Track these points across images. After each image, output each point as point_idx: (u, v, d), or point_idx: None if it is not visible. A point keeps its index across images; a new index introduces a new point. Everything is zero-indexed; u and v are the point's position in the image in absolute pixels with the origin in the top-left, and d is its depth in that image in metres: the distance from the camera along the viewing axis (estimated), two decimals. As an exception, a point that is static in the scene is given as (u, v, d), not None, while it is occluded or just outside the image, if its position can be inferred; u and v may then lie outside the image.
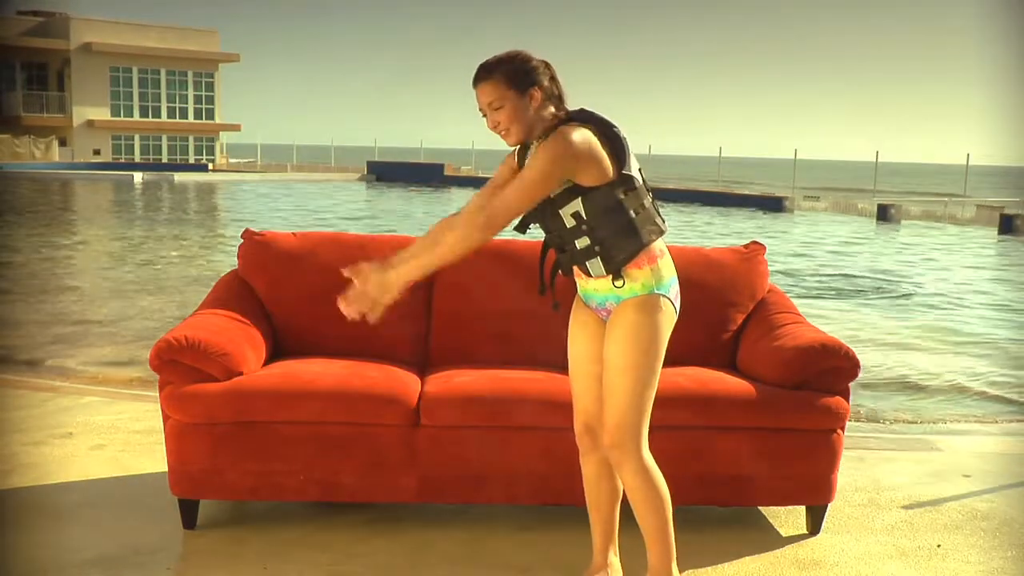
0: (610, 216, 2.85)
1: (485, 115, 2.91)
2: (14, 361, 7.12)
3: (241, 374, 3.53)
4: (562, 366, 3.25)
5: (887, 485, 4.23)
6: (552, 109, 2.89)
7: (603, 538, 3.17)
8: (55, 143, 44.03)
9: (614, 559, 3.20)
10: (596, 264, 2.89)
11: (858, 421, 5.70)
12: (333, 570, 3.27)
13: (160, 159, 49.50)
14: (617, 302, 2.93)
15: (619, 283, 2.90)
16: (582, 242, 2.89)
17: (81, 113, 46.82)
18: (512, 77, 2.86)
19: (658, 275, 2.90)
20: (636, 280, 2.89)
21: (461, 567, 3.32)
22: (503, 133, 2.90)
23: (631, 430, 2.87)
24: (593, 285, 2.96)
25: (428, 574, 3.28)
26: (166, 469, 3.51)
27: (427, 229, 3.08)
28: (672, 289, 2.94)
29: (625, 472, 2.90)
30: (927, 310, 11.07)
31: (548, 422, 3.47)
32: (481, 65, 2.90)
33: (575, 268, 2.97)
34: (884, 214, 26.63)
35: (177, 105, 50.45)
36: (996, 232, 22.99)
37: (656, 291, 2.90)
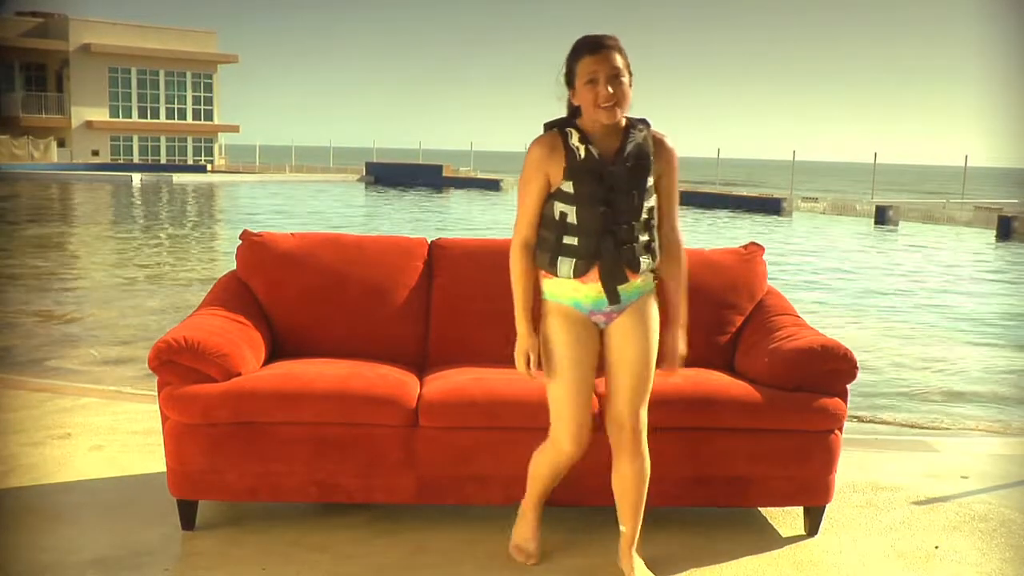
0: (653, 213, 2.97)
1: (596, 83, 2.78)
2: (13, 361, 7.11)
3: (239, 375, 3.53)
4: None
5: (885, 486, 4.23)
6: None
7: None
8: (53, 144, 43.98)
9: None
10: (648, 260, 2.96)
11: (856, 422, 5.70)
12: (332, 571, 3.27)
13: (159, 160, 49.46)
14: (639, 296, 2.99)
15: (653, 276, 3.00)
16: (645, 237, 2.94)
17: (80, 114, 46.79)
18: (627, 57, 2.84)
19: None
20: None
21: (459, 568, 3.32)
22: (611, 106, 2.79)
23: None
24: (633, 281, 2.96)
25: (426, 575, 3.28)
26: (165, 470, 3.51)
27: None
28: None
29: (645, 454, 3.03)
30: (926, 311, 11.08)
31: (547, 423, 3.47)
32: (603, 36, 2.81)
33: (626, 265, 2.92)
34: (882, 216, 26.64)
35: (176, 106, 50.43)
36: (994, 234, 22.95)
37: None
